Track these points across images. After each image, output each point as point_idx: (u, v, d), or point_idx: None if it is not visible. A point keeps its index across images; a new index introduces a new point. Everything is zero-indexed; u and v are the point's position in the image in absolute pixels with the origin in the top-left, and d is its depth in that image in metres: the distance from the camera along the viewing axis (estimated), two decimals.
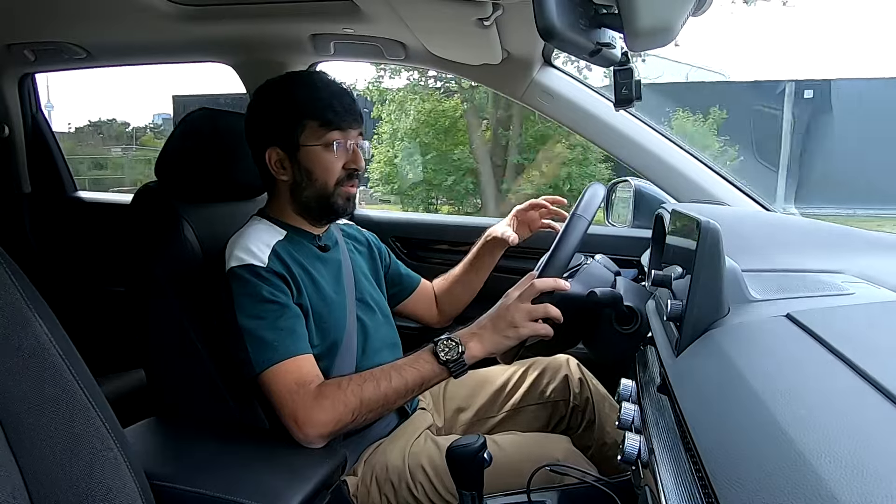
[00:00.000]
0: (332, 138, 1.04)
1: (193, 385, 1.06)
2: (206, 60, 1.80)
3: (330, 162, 1.05)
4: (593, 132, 1.52)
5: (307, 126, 1.04)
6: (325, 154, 1.05)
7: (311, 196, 1.08)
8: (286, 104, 1.06)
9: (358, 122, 1.08)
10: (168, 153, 1.14)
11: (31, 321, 0.62)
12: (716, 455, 0.45)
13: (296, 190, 1.08)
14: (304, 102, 1.05)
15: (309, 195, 1.08)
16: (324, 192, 1.07)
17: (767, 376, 0.51)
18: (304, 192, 1.07)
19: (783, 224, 1.27)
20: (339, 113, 1.05)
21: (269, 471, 0.87)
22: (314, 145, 1.05)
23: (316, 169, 1.06)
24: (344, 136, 1.05)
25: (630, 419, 0.74)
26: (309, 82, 1.09)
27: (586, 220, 1.02)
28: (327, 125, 1.04)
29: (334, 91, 1.06)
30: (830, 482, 0.34)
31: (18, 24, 1.65)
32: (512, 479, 0.97)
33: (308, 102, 1.05)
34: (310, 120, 1.04)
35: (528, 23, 0.84)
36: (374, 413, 0.94)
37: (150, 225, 1.09)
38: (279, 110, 1.06)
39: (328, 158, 1.05)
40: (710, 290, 0.67)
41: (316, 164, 1.05)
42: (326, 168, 1.06)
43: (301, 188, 1.07)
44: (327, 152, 1.05)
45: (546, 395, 1.25)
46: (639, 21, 0.64)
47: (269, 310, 0.96)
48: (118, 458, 0.65)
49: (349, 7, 1.31)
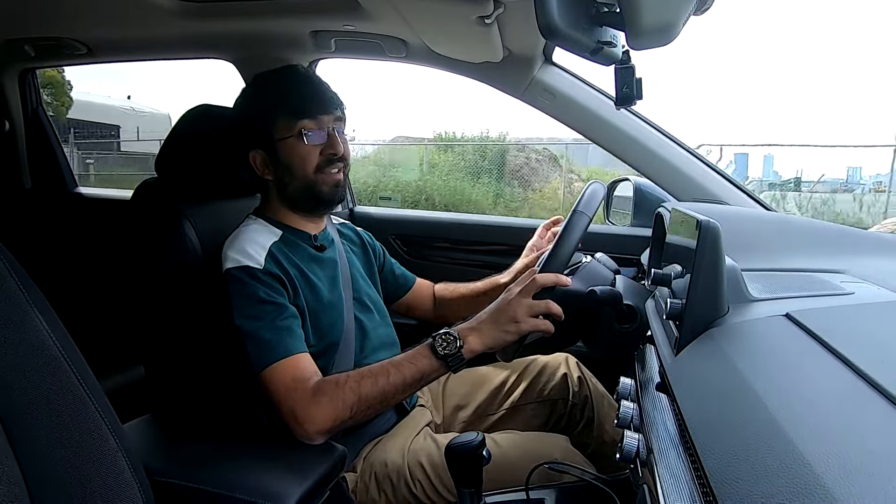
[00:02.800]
0: (303, 126, 1.05)
1: (193, 381, 1.07)
2: (207, 57, 1.80)
3: (305, 151, 1.06)
4: (594, 130, 1.51)
5: (278, 120, 1.05)
6: (299, 144, 1.05)
7: (295, 189, 1.08)
8: (257, 104, 1.07)
9: (329, 108, 1.07)
10: (168, 149, 1.14)
11: (31, 317, 0.62)
12: (714, 453, 0.46)
13: (281, 187, 1.09)
14: (273, 98, 1.06)
15: (293, 189, 1.08)
16: (305, 182, 1.07)
17: (766, 375, 0.51)
18: (289, 187, 1.08)
19: (783, 223, 1.27)
20: (307, 100, 1.05)
21: (268, 467, 0.87)
22: (287, 137, 1.05)
23: (293, 160, 1.06)
24: (316, 122, 1.06)
25: (629, 417, 0.74)
26: (276, 78, 1.09)
27: (587, 217, 1.02)
28: (296, 115, 1.04)
29: (301, 81, 1.07)
30: (828, 481, 0.34)
31: (19, 20, 1.65)
32: (510, 478, 0.97)
33: (276, 97, 1.06)
34: (279, 113, 1.05)
35: (530, 21, 0.84)
36: (372, 409, 0.94)
37: (151, 221, 1.09)
38: (252, 112, 1.08)
39: (303, 148, 1.06)
40: (710, 289, 0.67)
41: (293, 155, 1.06)
42: (303, 158, 1.06)
43: (285, 184, 1.08)
44: (300, 142, 1.05)
45: (545, 394, 1.25)
46: (641, 19, 0.64)
47: (267, 310, 0.97)
48: (117, 454, 0.65)
49: (350, 4, 1.31)
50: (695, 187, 1.45)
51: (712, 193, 1.44)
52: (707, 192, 1.44)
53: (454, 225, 1.83)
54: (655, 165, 1.48)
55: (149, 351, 1.10)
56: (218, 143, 1.13)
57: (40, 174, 2.19)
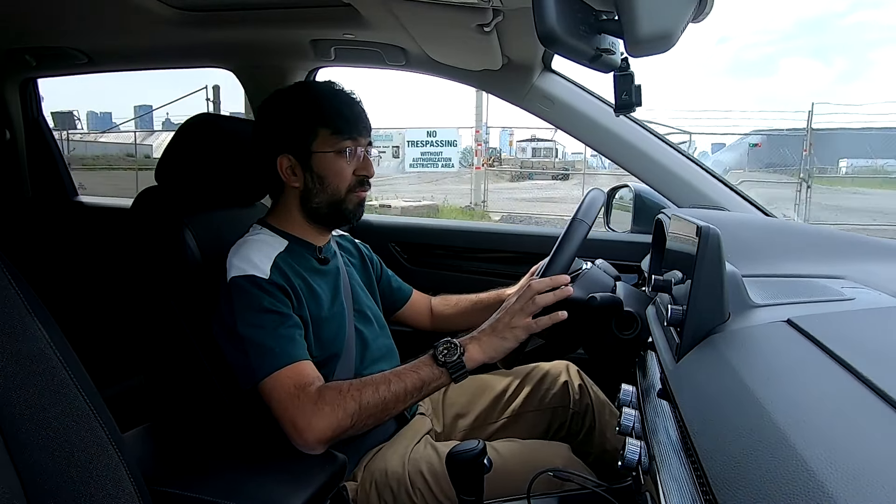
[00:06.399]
0: (345, 146, 1.07)
1: (193, 390, 1.06)
2: (208, 65, 1.81)
3: (342, 168, 1.08)
4: (594, 137, 1.52)
5: (320, 134, 1.06)
6: (338, 161, 1.07)
7: (322, 202, 1.09)
8: (298, 112, 1.08)
9: (367, 131, 1.11)
10: (169, 158, 1.14)
11: (31, 326, 0.62)
12: (716, 460, 0.45)
13: (307, 196, 1.10)
14: (317, 111, 1.07)
15: (320, 201, 1.09)
16: (335, 197, 1.09)
17: (768, 381, 0.51)
18: (316, 198, 1.09)
19: (784, 229, 1.27)
20: (351, 122, 1.08)
21: (268, 476, 0.86)
22: (327, 152, 1.07)
23: (328, 175, 1.08)
24: (355, 143, 1.08)
25: (630, 425, 0.73)
26: (320, 91, 1.11)
27: (586, 225, 1.02)
28: (339, 133, 1.07)
29: (345, 100, 1.09)
30: (830, 487, 0.34)
31: (20, 30, 1.66)
32: (511, 486, 0.97)
33: (320, 111, 1.07)
34: (322, 128, 1.06)
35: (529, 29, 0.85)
36: (373, 418, 0.94)
37: (151, 230, 1.09)
38: (291, 119, 1.07)
39: (340, 165, 1.07)
40: (711, 295, 0.67)
41: (328, 170, 1.07)
42: (339, 174, 1.08)
43: (312, 194, 1.09)
44: (339, 159, 1.07)
45: (546, 402, 1.24)
46: (639, 27, 0.64)
47: (270, 319, 0.96)
48: (116, 463, 0.65)
49: (350, 12, 1.31)
50: (695, 193, 1.45)
51: (712, 199, 1.44)
52: (707, 198, 1.44)
53: (454, 232, 1.83)
54: (655, 172, 1.48)
55: (149, 360, 1.09)
56: (219, 151, 1.13)
57: (41, 183, 2.19)
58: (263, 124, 1.11)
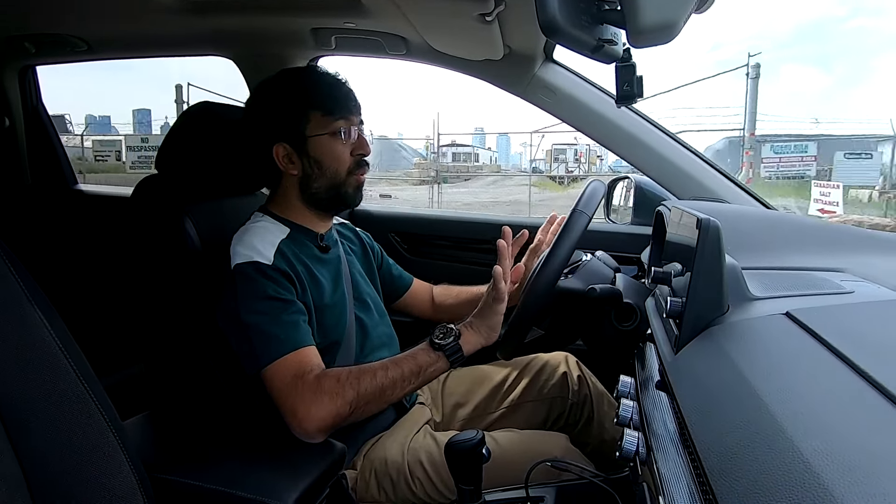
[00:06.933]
0: (338, 126, 1.06)
1: (193, 379, 1.07)
2: (208, 53, 1.80)
3: (339, 150, 1.07)
4: (595, 129, 1.51)
5: (312, 117, 1.06)
6: (334, 143, 1.07)
7: (321, 187, 1.09)
8: (288, 99, 1.06)
9: (358, 109, 1.10)
10: (169, 147, 1.13)
11: (32, 314, 0.62)
12: (714, 451, 0.46)
13: (305, 182, 1.09)
14: (306, 95, 1.06)
15: (319, 186, 1.09)
16: (335, 181, 1.09)
17: (766, 374, 0.51)
18: (315, 182, 1.09)
19: (784, 222, 1.27)
20: (341, 101, 1.07)
21: (267, 465, 0.87)
22: (321, 134, 1.06)
23: (326, 158, 1.07)
24: (348, 123, 1.08)
25: (629, 416, 0.74)
26: (306, 75, 1.11)
27: (587, 217, 1.02)
28: (331, 114, 1.06)
29: (332, 81, 1.09)
30: (827, 479, 0.34)
31: (19, 16, 1.65)
32: (510, 476, 0.97)
33: (310, 94, 1.06)
34: (313, 111, 1.06)
35: (530, 18, 0.84)
36: (372, 405, 0.94)
37: (152, 218, 1.09)
38: (281, 106, 1.07)
39: (337, 147, 1.07)
40: (710, 287, 0.67)
41: (325, 153, 1.07)
42: (336, 157, 1.08)
43: (311, 180, 1.09)
44: (335, 141, 1.07)
45: (544, 392, 1.25)
46: (642, 18, 0.64)
47: (274, 306, 0.96)
48: (117, 450, 0.66)
49: (351, 1, 1.31)
50: (695, 185, 1.45)
51: (712, 191, 1.44)
52: (707, 190, 1.44)
53: (454, 223, 1.83)
54: (656, 163, 1.47)
55: (149, 348, 1.10)
56: (219, 140, 1.12)
57: (41, 171, 2.18)
58: (253, 116, 1.10)
